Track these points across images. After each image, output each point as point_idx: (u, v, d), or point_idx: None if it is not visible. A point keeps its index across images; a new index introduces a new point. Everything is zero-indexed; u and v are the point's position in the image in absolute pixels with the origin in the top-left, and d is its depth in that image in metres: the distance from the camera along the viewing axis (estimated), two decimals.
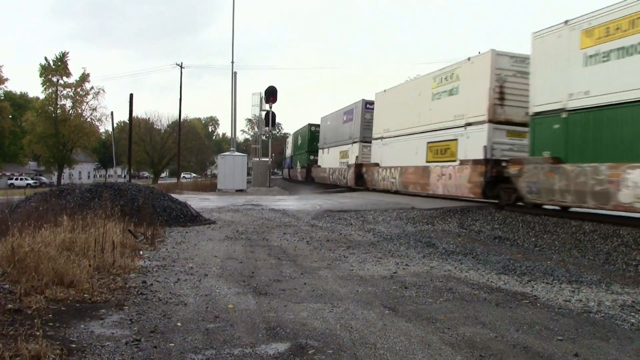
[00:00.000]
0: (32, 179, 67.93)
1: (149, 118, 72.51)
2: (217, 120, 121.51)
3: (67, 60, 54.85)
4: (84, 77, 55.82)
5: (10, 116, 62.14)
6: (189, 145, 69.96)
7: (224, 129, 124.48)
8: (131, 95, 36.75)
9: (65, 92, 55.97)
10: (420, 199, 17.50)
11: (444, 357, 4.03)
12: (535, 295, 6.08)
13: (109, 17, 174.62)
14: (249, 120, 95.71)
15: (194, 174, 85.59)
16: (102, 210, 9.23)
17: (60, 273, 5.70)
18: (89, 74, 56.31)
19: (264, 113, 32.38)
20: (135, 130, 56.58)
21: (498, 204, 13.85)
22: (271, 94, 30.78)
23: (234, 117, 32.71)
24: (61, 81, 55.17)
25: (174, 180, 60.64)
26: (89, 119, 57.54)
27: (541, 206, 12.34)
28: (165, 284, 6.27)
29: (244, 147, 71.59)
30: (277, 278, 6.80)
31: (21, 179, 65.18)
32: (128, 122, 42.83)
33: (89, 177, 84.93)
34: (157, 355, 3.93)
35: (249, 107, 46.76)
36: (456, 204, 15.35)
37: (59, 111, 55.23)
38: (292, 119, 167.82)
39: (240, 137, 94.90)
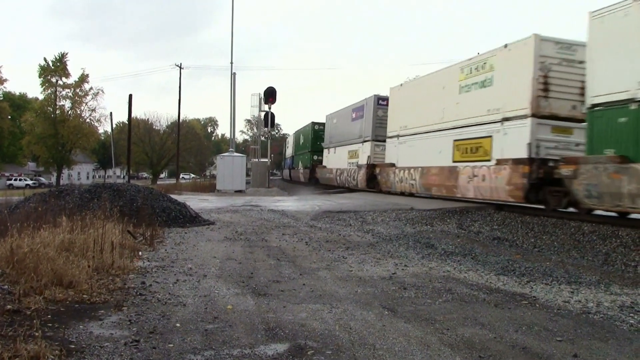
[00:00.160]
0: (31, 179, 67.85)
1: (148, 119, 72.61)
2: (216, 121, 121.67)
3: (66, 61, 54.89)
4: (83, 78, 55.87)
5: (10, 117, 62.09)
6: (188, 146, 69.99)
7: (223, 129, 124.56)
8: (130, 96, 36.76)
9: (65, 92, 56.00)
10: (420, 200, 17.49)
11: (443, 357, 4.04)
12: (534, 296, 6.09)
13: (109, 17, 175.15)
14: (248, 121, 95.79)
15: (193, 175, 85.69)
16: (101, 211, 9.21)
17: (59, 274, 5.70)
18: (88, 75, 56.42)
19: (263, 114, 32.42)
20: (135, 130, 56.60)
21: (545, 209, 12.35)
22: (270, 95, 30.80)
23: (233, 118, 32.77)
24: (60, 82, 55.19)
25: (173, 181, 60.64)
26: (88, 120, 57.56)
27: (593, 212, 11.12)
28: (164, 284, 6.27)
29: (243, 147, 71.63)
30: (276, 279, 6.81)
31: (20, 180, 65.09)
32: (127, 122, 42.86)
33: (88, 177, 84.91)
34: (156, 355, 3.93)
35: (248, 108, 46.87)
36: (455, 205, 15.34)
37: (58, 112, 55.21)
38: (291, 119, 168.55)
39: (240, 137, 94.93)
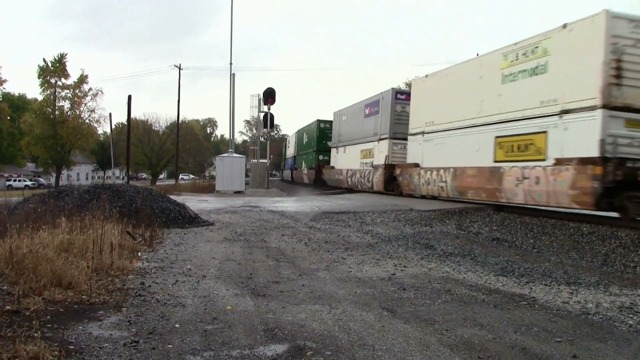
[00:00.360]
0: (30, 180, 67.76)
1: (147, 119, 72.72)
2: (216, 121, 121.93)
3: (65, 62, 55.03)
4: (83, 79, 56.00)
5: (9, 117, 62.21)
6: (187, 147, 70.00)
7: (222, 130, 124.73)
8: (129, 97, 36.67)
9: (64, 93, 56.16)
10: (419, 201, 17.48)
11: (442, 358, 4.04)
12: (533, 297, 6.10)
13: (108, 18, 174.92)
14: (248, 122, 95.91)
15: (192, 176, 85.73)
16: (100, 212, 9.21)
17: (58, 274, 5.69)
18: (87, 76, 56.60)
19: (262, 114, 32.40)
20: (134, 131, 56.61)
21: (621, 218, 10.63)
22: (269, 96, 30.78)
23: (232, 119, 32.73)
24: (59, 82, 55.32)
25: (172, 181, 60.71)
26: (87, 121, 57.69)
27: None
28: (164, 285, 6.27)
29: (242, 148, 71.75)
30: (276, 279, 6.80)
31: (19, 181, 65.00)
32: (126, 123, 42.81)
33: (87, 178, 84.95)
34: (156, 356, 3.93)
35: (247, 109, 46.99)
36: (455, 206, 15.34)
37: (57, 112, 55.33)
38: (290, 120, 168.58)
39: (239, 138, 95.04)
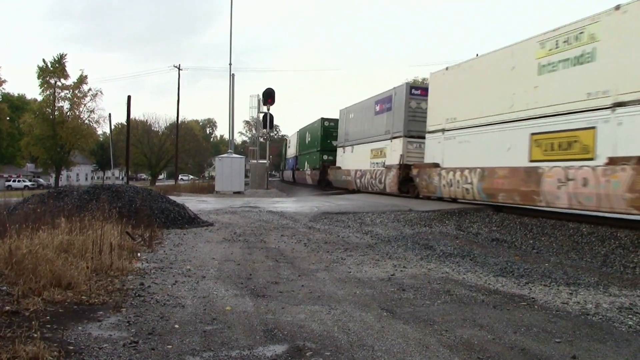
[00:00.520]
0: (30, 180, 67.78)
1: (146, 120, 72.80)
2: (215, 122, 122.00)
3: (65, 62, 54.89)
4: (82, 79, 55.86)
5: (8, 118, 62.14)
6: (186, 147, 70.06)
7: (221, 130, 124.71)
8: (129, 97, 36.72)
9: (63, 94, 56.02)
10: (418, 201, 17.47)
11: (441, 359, 4.03)
12: (533, 298, 6.09)
13: (108, 19, 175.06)
14: (247, 122, 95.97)
15: (191, 176, 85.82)
16: (99, 212, 9.20)
17: (57, 275, 5.69)
18: (86, 76, 56.42)
19: (261, 115, 32.43)
20: (133, 132, 56.67)
21: None
22: (269, 96, 30.80)
23: (231, 119, 32.72)
24: (59, 83, 55.19)
25: (171, 182, 60.71)
26: (86, 121, 57.56)
27: None
28: (163, 286, 6.26)
29: (242, 149, 71.75)
30: (275, 280, 6.80)
31: (19, 181, 65.01)
32: (126, 124, 42.86)
33: (86, 179, 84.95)
34: (155, 357, 3.93)
35: (246, 109, 47.05)
36: (454, 206, 15.33)
37: (56, 113, 55.23)
38: (290, 120, 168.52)
39: (238, 139, 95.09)
